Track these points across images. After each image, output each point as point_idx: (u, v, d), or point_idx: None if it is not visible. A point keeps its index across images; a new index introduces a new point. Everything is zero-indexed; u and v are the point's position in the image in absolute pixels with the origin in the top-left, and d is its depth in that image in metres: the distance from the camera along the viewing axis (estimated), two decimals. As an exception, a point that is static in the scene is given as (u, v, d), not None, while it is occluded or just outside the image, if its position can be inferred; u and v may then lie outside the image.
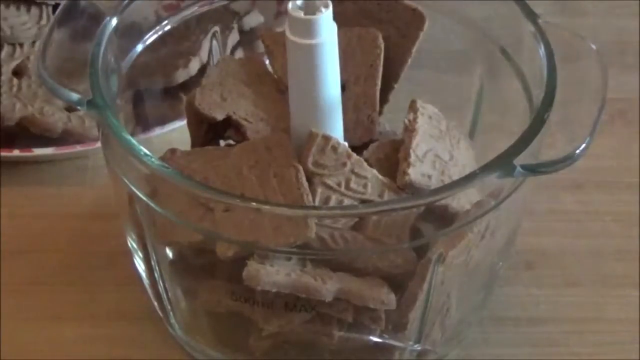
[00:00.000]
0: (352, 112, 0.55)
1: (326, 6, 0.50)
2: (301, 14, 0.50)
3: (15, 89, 0.69)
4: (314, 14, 0.50)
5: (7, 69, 0.70)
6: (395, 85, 0.57)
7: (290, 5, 0.50)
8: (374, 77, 0.56)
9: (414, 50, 0.57)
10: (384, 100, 0.57)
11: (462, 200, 0.51)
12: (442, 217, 0.50)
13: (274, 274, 0.49)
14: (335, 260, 0.50)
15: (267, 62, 0.59)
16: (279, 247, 0.48)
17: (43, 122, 0.67)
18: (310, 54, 0.50)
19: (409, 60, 0.57)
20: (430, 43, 0.58)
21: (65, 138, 0.68)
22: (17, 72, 0.71)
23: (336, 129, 0.53)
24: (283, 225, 0.48)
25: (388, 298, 0.50)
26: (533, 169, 0.49)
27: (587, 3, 0.82)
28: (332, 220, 0.50)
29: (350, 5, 0.51)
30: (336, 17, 0.51)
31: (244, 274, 0.49)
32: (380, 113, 0.57)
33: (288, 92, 0.53)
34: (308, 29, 0.50)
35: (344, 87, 0.54)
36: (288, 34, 0.50)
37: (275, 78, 0.57)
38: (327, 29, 0.50)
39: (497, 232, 0.52)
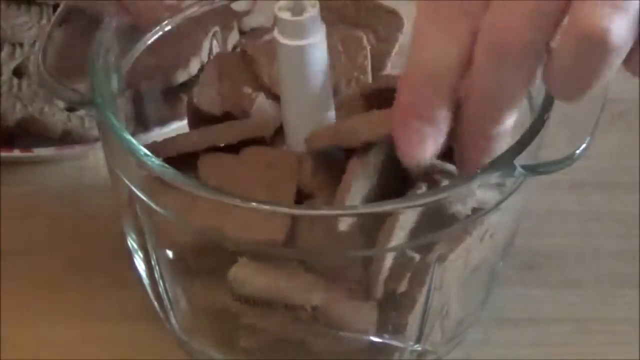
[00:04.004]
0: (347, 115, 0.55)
1: (314, 6, 0.50)
2: (289, 15, 0.50)
3: (15, 89, 0.69)
4: (301, 14, 0.50)
5: (8, 69, 0.70)
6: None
7: (277, 6, 0.50)
8: (365, 78, 0.56)
9: (393, 53, 0.57)
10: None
11: (463, 201, 0.51)
12: (443, 218, 0.50)
13: (261, 276, 0.49)
14: (328, 267, 0.50)
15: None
16: (243, 242, 0.48)
17: (43, 123, 0.67)
18: (300, 55, 0.50)
19: (389, 64, 0.57)
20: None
21: (65, 138, 0.68)
22: (18, 72, 0.71)
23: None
24: (255, 222, 0.48)
25: (368, 324, 0.50)
26: (533, 169, 0.49)
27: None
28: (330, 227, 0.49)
29: (326, 11, 0.51)
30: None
31: (229, 274, 0.49)
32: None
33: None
34: (296, 30, 0.50)
35: (335, 92, 0.54)
36: (277, 36, 0.50)
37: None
38: (315, 30, 0.50)
39: (497, 233, 0.52)
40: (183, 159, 0.52)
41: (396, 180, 0.50)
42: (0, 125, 0.67)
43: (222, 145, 0.53)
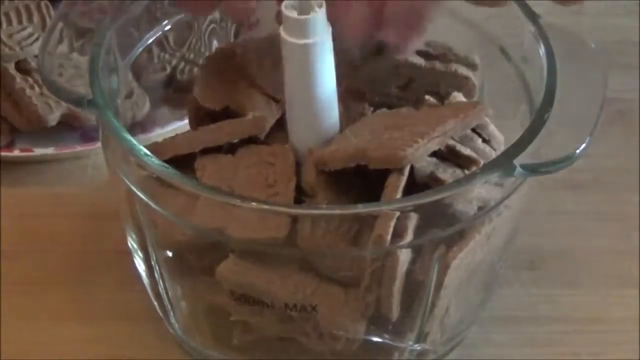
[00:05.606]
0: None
1: (320, 6, 0.50)
2: (295, 14, 0.50)
3: (37, 88, 0.68)
4: (308, 13, 0.50)
5: (14, 72, 0.69)
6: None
7: (284, 5, 0.50)
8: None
9: None
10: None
11: (466, 201, 0.51)
12: (447, 217, 0.50)
13: (248, 273, 0.49)
14: (326, 265, 0.50)
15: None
16: (244, 241, 0.48)
17: (84, 114, 0.66)
18: (305, 53, 0.50)
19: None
20: (430, 43, 0.58)
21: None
22: (22, 69, 0.69)
23: (333, 127, 0.53)
24: (256, 221, 0.48)
25: (355, 330, 0.50)
26: (533, 169, 0.49)
27: (587, 3, 0.82)
28: (330, 226, 0.49)
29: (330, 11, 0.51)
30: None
31: (217, 269, 0.49)
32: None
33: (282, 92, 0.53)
34: (302, 28, 0.50)
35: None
36: (282, 34, 0.50)
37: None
38: (321, 29, 0.50)
39: (498, 232, 0.52)
40: (180, 161, 0.52)
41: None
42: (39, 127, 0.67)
43: (217, 145, 0.53)
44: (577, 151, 0.49)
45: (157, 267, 0.54)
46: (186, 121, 0.59)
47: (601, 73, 0.52)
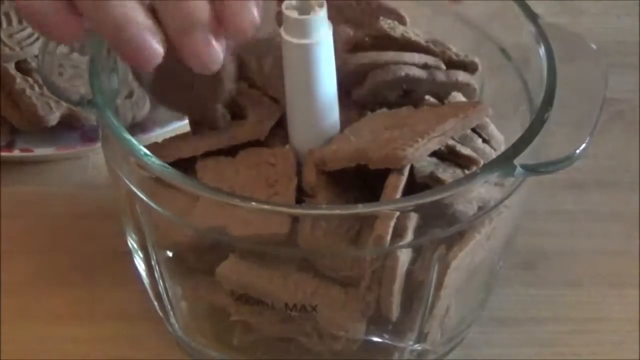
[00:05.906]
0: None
1: (321, 6, 0.50)
2: (296, 14, 0.50)
3: (37, 88, 0.68)
4: (308, 13, 0.50)
5: (15, 72, 0.69)
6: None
7: (284, 5, 0.50)
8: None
9: None
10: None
11: (466, 201, 0.51)
12: (447, 217, 0.50)
13: (248, 273, 0.49)
14: (326, 265, 0.50)
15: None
16: (246, 239, 0.48)
17: (84, 114, 0.66)
18: (305, 53, 0.50)
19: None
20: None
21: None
22: (22, 69, 0.69)
23: (333, 127, 0.53)
24: (257, 220, 0.48)
25: (355, 330, 0.51)
26: (533, 169, 0.49)
27: (587, 3, 0.82)
28: (330, 226, 0.49)
29: (331, 11, 0.51)
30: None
31: (217, 269, 0.49)
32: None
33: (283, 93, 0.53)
34: (303, 29, 0.50)
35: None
36: (283, 34, 0.50)
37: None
38: (322, 29, 0.50)
39: (498, 232, 0.52)
40: (180, 164, 0.52)
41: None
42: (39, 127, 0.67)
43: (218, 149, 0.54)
44: (577, 151, 0.49)
45: (157, 267, 0.54)
46: (186, 121, 0.59)
47: (601, 73, 0.52)
